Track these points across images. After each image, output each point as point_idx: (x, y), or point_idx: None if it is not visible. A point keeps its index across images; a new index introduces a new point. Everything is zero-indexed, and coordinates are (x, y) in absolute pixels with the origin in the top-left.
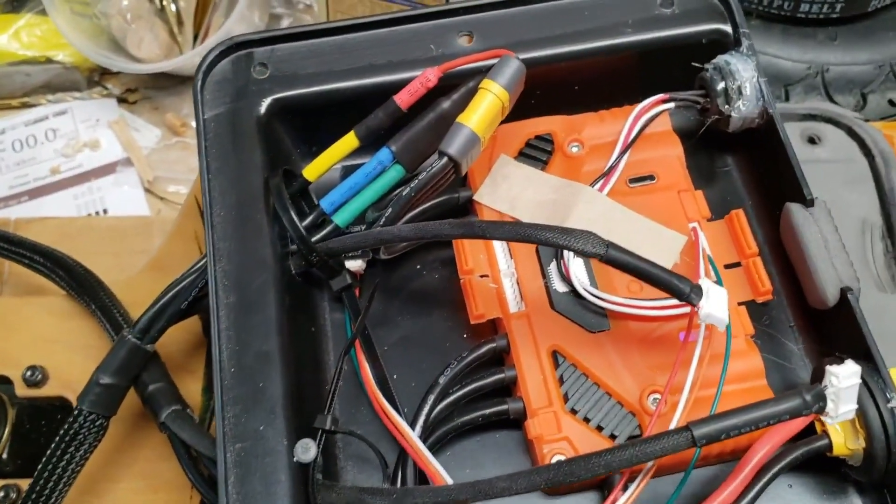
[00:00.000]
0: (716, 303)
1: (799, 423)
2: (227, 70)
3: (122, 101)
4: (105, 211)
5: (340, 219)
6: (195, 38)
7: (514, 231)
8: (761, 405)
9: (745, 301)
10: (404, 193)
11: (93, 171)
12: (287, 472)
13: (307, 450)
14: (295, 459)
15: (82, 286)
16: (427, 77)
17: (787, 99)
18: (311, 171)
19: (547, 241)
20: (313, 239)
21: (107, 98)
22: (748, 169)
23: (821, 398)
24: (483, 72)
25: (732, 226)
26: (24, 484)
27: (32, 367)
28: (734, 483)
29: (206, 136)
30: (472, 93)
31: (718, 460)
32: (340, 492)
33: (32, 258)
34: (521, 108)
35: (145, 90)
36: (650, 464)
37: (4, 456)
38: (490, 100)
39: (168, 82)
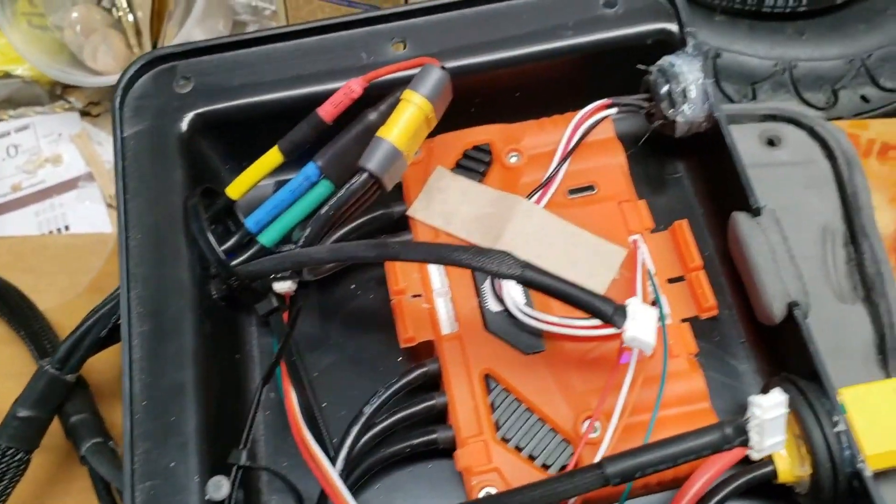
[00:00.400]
0: (642, 325)
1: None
2: (149, 85)
3: (85, 114)
4: (67, 227)
5: (266, 238)
6: (154, 46)
7: (427, 252)
8: (678, 439)
9: (690, 317)
10: (323, 212)
11: (55, 188)
12: None
13: (219, 487)
14: (206, 498)
15: (13, 311)
16: (351, 88)
17: (754, 97)
18: (235, 188)
19: (460, 263)
20: (237, 261)
21: (69, 112)
22: (699, 175)
23: (741, 432)
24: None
25: (676, 237)
26: None
27: None
28: None
29: (123, 156)
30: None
31: (661, 488)
32: None
33: None
34: (460, 118)
35: (108, 102)
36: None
37: None
38: (411, 111)
39: None
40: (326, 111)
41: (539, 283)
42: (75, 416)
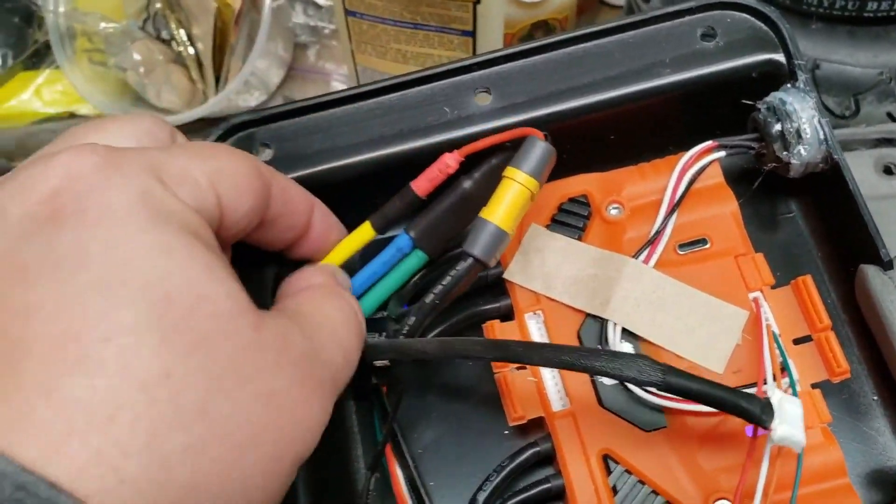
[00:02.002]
0: (791, 420)
1: None
2: None
3: None
4: None
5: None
6: (217, 80)
7: (553, 356)
8: None
9: (820, 382)
10: (427, 301)
11: None
12: None
13: None
14: None
15: None
16: (446, 164)
17: (857, 110)
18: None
19: (594, 370)
20: None
21: None
22: (815, 215)
23: None
24: (507, 148)
25: (800, 294)
26: None
27: None
28: None
29: None
30: (495, 170)
31: None
32: None
33: None
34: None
35: None
36: None
37: None
38: (516, 190)
39: (196, 126)
40: (421, 186)
41: (683, 388)
42: None
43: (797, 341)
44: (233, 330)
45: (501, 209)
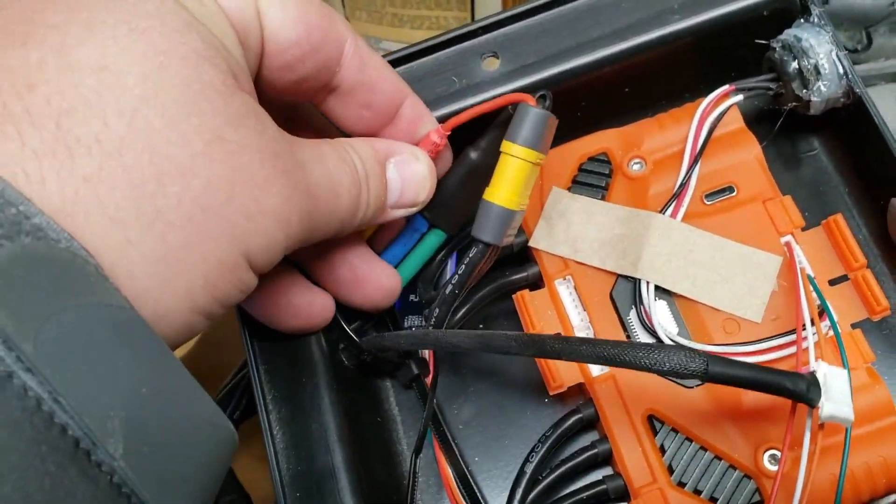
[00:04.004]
0: (838, 395)
1: None
2: None
3: None
4: None
5: None
6: None
7: (592, 352)
8: None
9: (859, 322)
10: (447, 292)
11: None
12: None
13: None
14: None
15: None
16: (432, 141)
17: (869, 43)
18: None
19: (636, 364)
20: (359, 321)
21: None
22: (840, 151)
23: None
24: (510, 114)
25: (832, 233)
26: None
27: None
28: None
29: None
30: (501, 136)
31: None
32: None
33: None
34: (567, 126)
35: None
36: None
37: None
38: (515, 165)
39: None
40: None
41: (726, 376)
42: (223, 498)
43: (833, 282)
44: (220, 101)
45: (502, 188)
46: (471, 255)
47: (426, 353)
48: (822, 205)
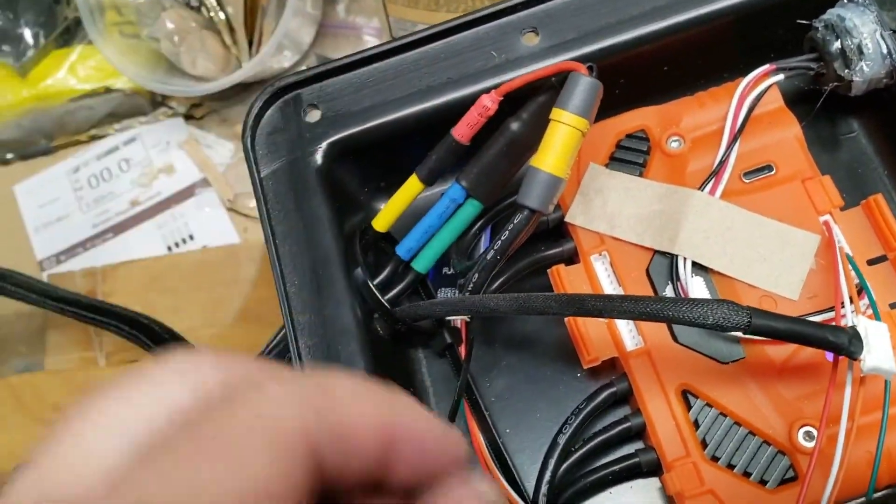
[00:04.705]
0: (879, 348)
1: None
2: (277, 119)
3: (188, 118)
4: (191, 237)
5: (420, 265)
6: (250, 44)
7: (635, 308)
8: None
9: None
10: (489, 257)
11: (172, 198)
12: None
13: None
14: None
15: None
16: (484, 105)
17: None
18: (380, 221)
19: (678, 319)
20: (394, 292)
21: (173, 118)
22: (880, 132)
23: None
24: (553, 85)
25: (872, 214)
26: None
27: None
28: None
29: (265, 198)
30: (543, 109)
31: None
32: None
33: (118, 326)
34: (605, 103)
35: (211, 103)
36: None
37: None
38: (564, 132)
39: (232, 91)
40: (462, 132)
41: (769, 329)
42: None
43: (871, 262)
44: None
45: (552, 155)
46: (515, 222)
47: (459, 324)
48: (861, 187)
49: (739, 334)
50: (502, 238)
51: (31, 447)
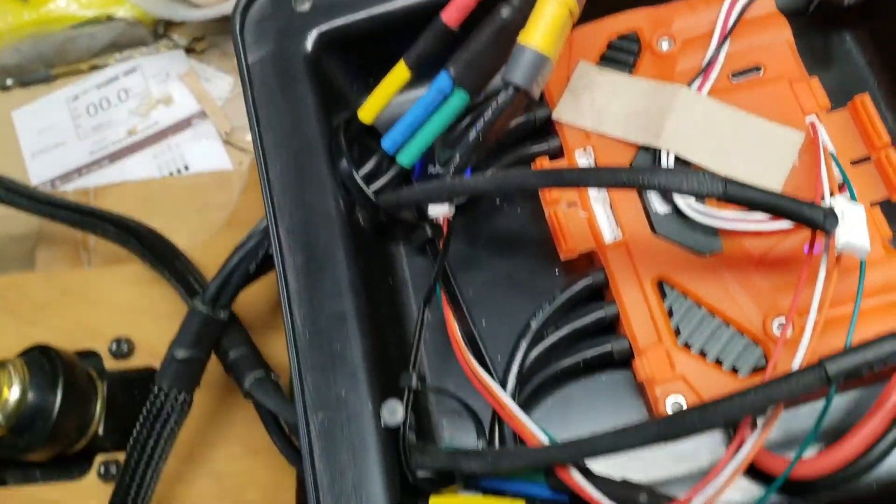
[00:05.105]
0: (854, 227)
1: None
2: (266, 7)
3: (189, 51)
4: (186, 167)
5: (405, 159)
6: None
7: (612, 178)
8: None
9: (880, 201)
10: (471, 136)
11: (169, 129)
12: (375, 437)
13: (394, 412)
14: (382, 424)
15: (155, 254)
16: None
17: None
18: (366, 111)
19: (654, 185)
20: (378, 184)
21: (174, 50)
22: (871, 47)
23: None
24: None
25: (858, 114)
26: (123, 457)
27: (118, 340)
28: (876, 419)
29: (251, 84)
30: None
31: (851, 386)
32: (433, 454)
33: (105, 228)
34: (598, 4)
35: (212, 37)
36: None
37: (101, 431)
38: (553, 9)
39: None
40: (450, 16)
41: (744, 197)
42: (234, 352)
43: (855, 162)
44: None
45: (539, 31)
46: (499, 100)
47: (440, 218)
48: (849, 96)
49: (718, 224)
50: (485, 117)
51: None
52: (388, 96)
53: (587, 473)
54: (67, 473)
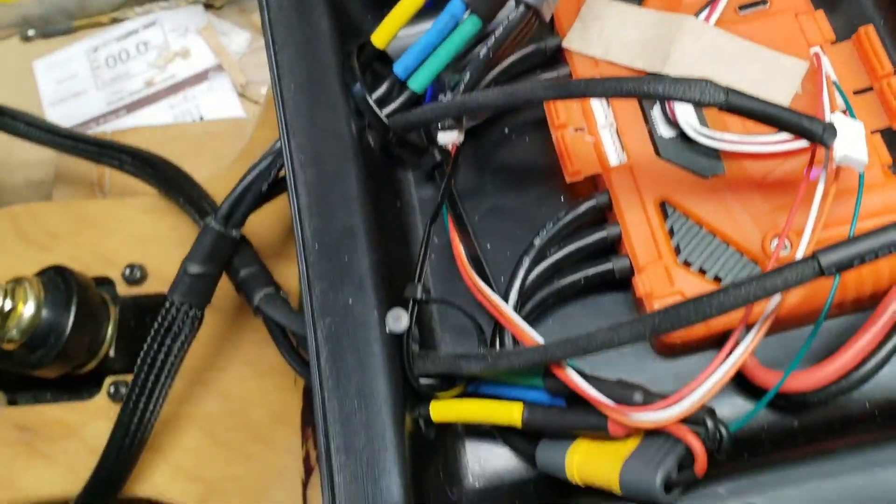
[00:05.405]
0: (852, 140)
1: None
2: None
3: (208, 6)
4: (202, 118)
5: (416, 84)
6: None
7: (616, 87)
8: None
9: (882, 129)
10: (482, 54)
11: (186, 81)
12: (380, 343)
13: (398, 319)
14: (387, 330)
15: (170, 182)
16: None
17: None
18: (379, 36)
19: (657, 94)
20: (389, 109)
21: (193, 5)
22: None
23: None
24: None
25: (861, 45)
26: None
27: (131, 266)
28: (870, 333)
29: (268, 8)
30: None
31: (855, 308)
32: (435, 359)
33: (121, 159)
34: None
35: None
36: (771, 306)
37: (112, 353)
38: None
39: None
40: None
41: (745, 107)
42: (244, 270)
43: (858, 92)
44: None
45: None
46: (510, 18)
47: (449, 145)
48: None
49: (721, 146)
50: (496, 34)
51: None
52: (401, 21)
53: (583, 374)
54: (78, 394)
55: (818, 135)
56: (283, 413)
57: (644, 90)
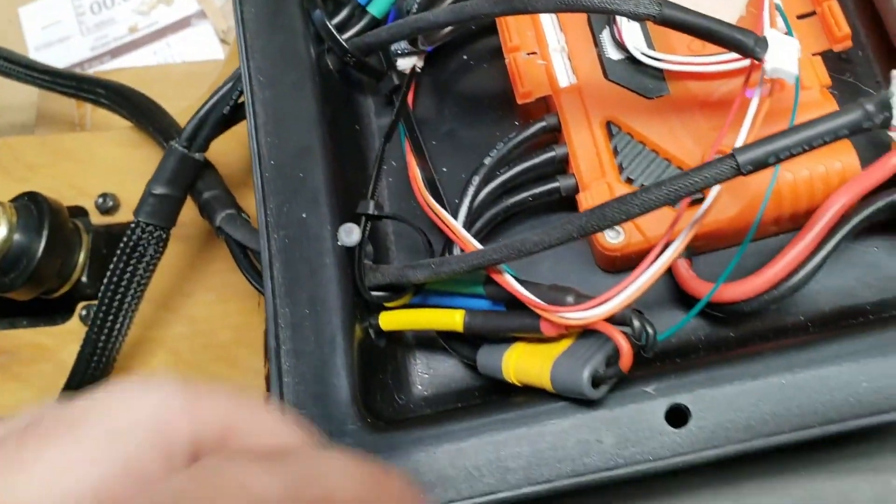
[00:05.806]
0: (784, 54)
1: (878, 171)
2: None
3: None
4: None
5: (375, 9)
6: None
7: (558, 1)
8: (812, 123)
9: (822, 52)
10: None
11: (169, 27)
12: (332, 256)
13: (350, 233)
14: (339, 243)
15: (143, 113)
16: None
17: None
18: None
19: (594, 8)
20: (348, 34)
21: None
22: None
23: (886, 107)
24: None
25: None
26: None
27: (104, 195)
28: (800, 244)
29: None
30: None
31: (792, 226)
32: (384, 271)
33: (97, 93)
34: None
35: None
36: (700, 212)
37: (84, 279)
38: None
39: None
40: None
41: (678, 20)
42: (207, 193)
43: (801, 17)
44: None
45: None
46: None
47: (407, 67)
48: None
49: (665, 66)
50: None
51: None
52: None
53: (519, 280)
54: (52, 320)
55: (749, 47)
56: (246, 335)
57: (582, 4)
